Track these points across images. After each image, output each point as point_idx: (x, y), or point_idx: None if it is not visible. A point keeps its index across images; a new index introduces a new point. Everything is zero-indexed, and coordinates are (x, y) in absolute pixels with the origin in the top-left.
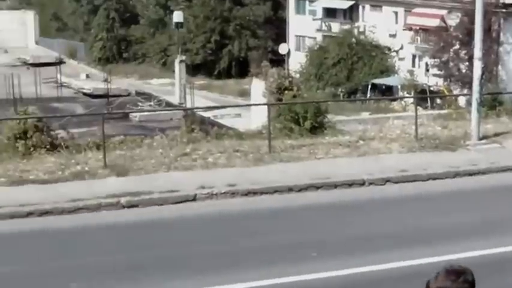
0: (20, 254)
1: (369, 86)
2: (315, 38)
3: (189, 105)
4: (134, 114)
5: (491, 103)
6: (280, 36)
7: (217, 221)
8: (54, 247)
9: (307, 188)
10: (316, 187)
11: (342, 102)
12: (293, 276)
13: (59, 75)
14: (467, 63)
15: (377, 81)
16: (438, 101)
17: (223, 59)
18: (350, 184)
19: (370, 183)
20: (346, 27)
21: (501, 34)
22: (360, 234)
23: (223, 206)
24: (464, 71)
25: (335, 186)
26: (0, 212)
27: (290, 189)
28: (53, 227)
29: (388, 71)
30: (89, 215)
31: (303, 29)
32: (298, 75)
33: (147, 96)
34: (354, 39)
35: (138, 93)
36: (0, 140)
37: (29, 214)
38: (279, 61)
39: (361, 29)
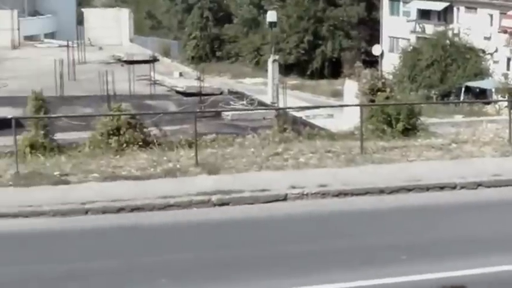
0: (110, 249)
1: (463, 89)
2: (408, 40)
3: (281, 104)
4: (226, 112)
5: None
6: (374, 37)
7: (307, 222)
8: (144, 243)
9: (398, 190)
10: (408, 189)
11: (435, 104)
12: (382, 278)
13: (152, 73)
14: None
15: (471, 84)
16: None
17: (316, 59)
18: (442, 187)
19: (462, 187)
20: (440, 28)
21: None
22: (450, 238)
23: (314, 206)
24: None
25: (426, 189)
26: (92, 206)
27: (381, 191)
28: (143, 223)
29: (482, 73)
30: (180, 212)
31: (397, 30)
32: (391, 77)
33: (239, 95)
34: (448, 41)
35: (230, 92)
36: (94, 135)
37: (120, 210)
38: (372, 62)
39: (456, 31)
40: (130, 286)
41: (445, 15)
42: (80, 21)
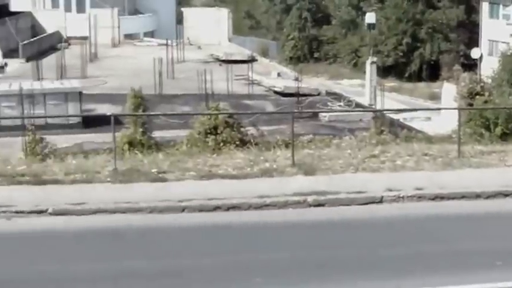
0: (205, 247)
1: None
2: (508, 43)
3: (378, 106)
4: (324, 113)
5: None
6: (473, 40)
7: (402, 225)
8: (240, 242)
9: (495, 195)
10: (505, 195)
11: None
12: (475, 284)
13: (250, 73)
14: None
15: None
16: None
17: (414, 62)
18: None
19: None
20: None
21: None
22: None
23: (410, 209)
24: None
25: None
26: (189, 204)
27: (478, 196)
28: (239, 222)
29: None
30: (276, 212)
31: (496, 34)
32: (490, 81)
33: (336, 97)
34: None
35: (328, 93)
36: (192, 134)
37: (216, 208)
38: (471, 65)
39: None
40: (225, 284)
41: None
42: (180, 20)
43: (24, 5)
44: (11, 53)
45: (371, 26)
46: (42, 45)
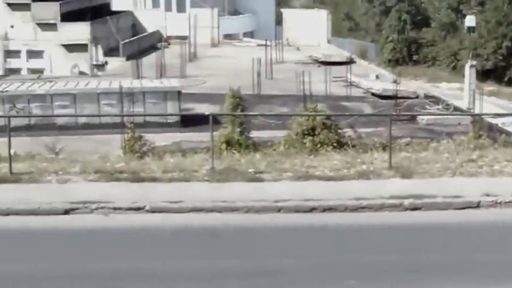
0: (301, 248)
1: None
2: None
3: (477, 111)
4: (421, 117)
5: None
6: None
7: (499, 230)
8: (334, 243)
9: None
10: None
11: None
12: None
13: (348, 75)
14: None
15: None
16: None
17: None
18: None
19: None
20: None
21: None
22: None
23: (507, 215)
24: None
25: None
26: (285, 205)
27: None
28: (334, 224)
29: None
30: (371, 215)
31: None
32: None
33: (435, 100)
34: None
35: (426, 96)
36: (289, 135)
37: (312, 209)
38: None
39: None
40: (319, 286)
41: None
42: (279, 21)
43: (126, 5)
44: (111, 52)
45: (471, 29)
46: (142, 44)
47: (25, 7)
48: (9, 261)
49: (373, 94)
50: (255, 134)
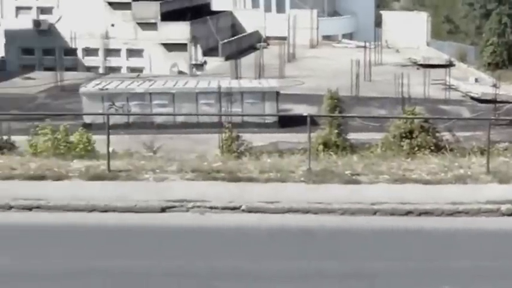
0: (396, 251)
1: None
2: None
3: None
4: None
5: None
6: None
7: None
8: (430, 247)
9: None
10: None
11: None
12: None
13: (447, 78)
14: None
15: None
16: None
17: None
18: None
19: None
20: None
21: None
22: None
23: None
24: None
25: None
26: (381, 207)
27: None
28: (430, 228)
29: None
30: (468, 219)
31: None
32: None
33: None
34: None
35: None
36: (386, 137)
37: (408, 213)
38: None
39: None
40: None
41: None
42: (378, 23)
43: (225, 5)
44: (210, 52)
45: None
46: (242, 45)
47: (126, 6)
48: (107, 257)
49: (472, 98)
50: (352, 136)
